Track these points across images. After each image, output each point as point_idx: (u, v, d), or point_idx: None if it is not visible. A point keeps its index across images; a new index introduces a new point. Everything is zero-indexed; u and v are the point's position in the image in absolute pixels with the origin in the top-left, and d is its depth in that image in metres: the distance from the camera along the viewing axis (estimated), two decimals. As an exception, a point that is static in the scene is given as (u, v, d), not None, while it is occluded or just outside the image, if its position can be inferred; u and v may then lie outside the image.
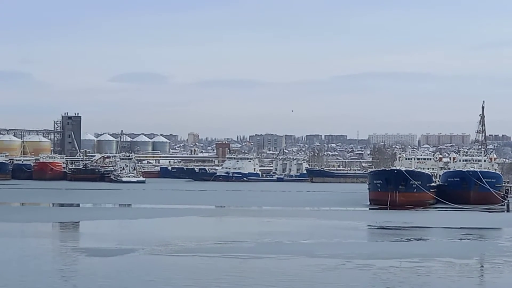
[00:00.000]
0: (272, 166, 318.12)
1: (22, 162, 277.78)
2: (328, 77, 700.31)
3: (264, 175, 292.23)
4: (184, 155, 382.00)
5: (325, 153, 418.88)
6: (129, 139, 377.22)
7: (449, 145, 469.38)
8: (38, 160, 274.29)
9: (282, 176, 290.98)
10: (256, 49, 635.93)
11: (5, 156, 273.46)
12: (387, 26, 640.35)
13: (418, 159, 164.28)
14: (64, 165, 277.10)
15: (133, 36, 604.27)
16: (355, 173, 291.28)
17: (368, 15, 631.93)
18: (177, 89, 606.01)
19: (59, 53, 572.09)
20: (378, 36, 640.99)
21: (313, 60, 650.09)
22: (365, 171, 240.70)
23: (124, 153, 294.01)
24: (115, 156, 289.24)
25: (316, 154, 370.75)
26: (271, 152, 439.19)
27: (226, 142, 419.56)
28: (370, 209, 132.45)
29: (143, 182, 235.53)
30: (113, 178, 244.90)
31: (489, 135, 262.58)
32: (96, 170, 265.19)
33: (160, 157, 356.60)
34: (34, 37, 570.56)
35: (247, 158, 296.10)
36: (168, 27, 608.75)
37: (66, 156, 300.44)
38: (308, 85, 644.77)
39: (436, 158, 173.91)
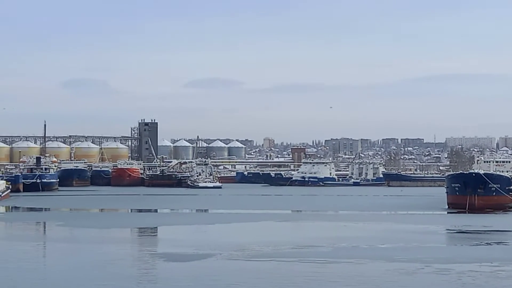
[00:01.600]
0: (348, 171, 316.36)
1: (101, 168, 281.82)
2: (398, 80, 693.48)
3: (340, 179, 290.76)
4: (260, 160, 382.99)
5: (402, 157, 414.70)
6: (205, 144, 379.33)
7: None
8: (116, 166, 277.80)
9: (358, 180, 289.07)
10: (327, 53, 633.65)
11: (84, 162, 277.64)
12: (455, 29, 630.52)
13: (496, 162, 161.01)
14: (142, 171, 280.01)
15: (206, 42, 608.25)
16: (432, 177, 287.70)
17: (436, 18, 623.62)
18: (252, 94, 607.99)
19: (134, 60, 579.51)
20: (447, 38, 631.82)
21: (383, 63, 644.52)
22: (443, 175, 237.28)
23: (200, 158, 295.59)
24: (191, 162, 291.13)
25: (392, 158, 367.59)
26: (347, 156, 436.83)
27: (302, 147, 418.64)
28: (448, 213, 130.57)
29: (219, 187, 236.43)
30: (190, 184, 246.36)
31: None
32: (173, 175, 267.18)
33: (236, 162, 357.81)
34: (110, 45, 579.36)
35: (323, 163, 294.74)
36: (240, 33, 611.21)
37: (143, 162, 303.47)
38: (380, 89, 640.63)
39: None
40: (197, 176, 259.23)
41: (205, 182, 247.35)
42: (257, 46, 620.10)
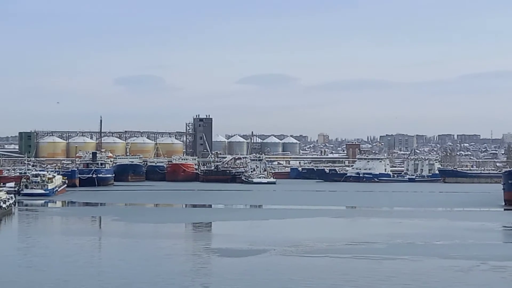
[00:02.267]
0: (403, 167, 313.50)
1: (156, 163, 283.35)
2: (455, 76, 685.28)
3: (395, 175, 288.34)
4: (314, 156, 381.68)
5: (458, 153, 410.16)
6: (259, 140, 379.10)
7: None
8: (171, 161, 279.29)
9: (413, 177, 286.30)
10: (381, 50, 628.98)
11: (139, 158, 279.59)
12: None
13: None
14: (196, 167, 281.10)
15: (261, 39, 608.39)
16: (489, 173, 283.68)
17: (495, 14, 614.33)
18: (306, 91, 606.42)
19: (189, 57, 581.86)
20: (505, 35, 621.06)
21: (440, 60, 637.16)
22: (499, 171, 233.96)
23: (254, 154, 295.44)
24: (246, 157, 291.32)
25: (448, 154, 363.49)
26: (402, 152, 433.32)
27: (356, 143, 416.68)
28: (505, 209, 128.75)
29: (273, 183, 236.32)
30: (244, 179, 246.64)
31: None
32: (227, 171, 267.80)
33: (290, 158, 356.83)
34: (166, 43, 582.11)
35: (378, 159, 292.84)
36: (294, 30, 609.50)
37: (198, 158, 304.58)
38: (437, 85, 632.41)
39: None
40: (251, 171, 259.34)
41: (259, 177, 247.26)
42: (313, 42, 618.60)
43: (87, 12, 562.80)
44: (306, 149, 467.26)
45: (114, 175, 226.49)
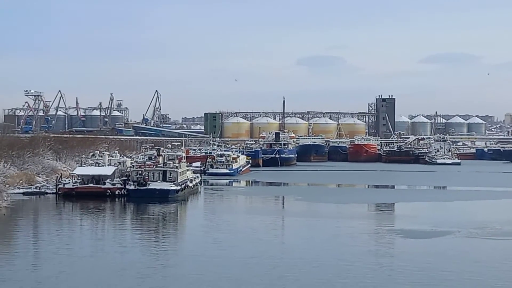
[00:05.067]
0: None
1: (338, 144, 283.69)
2: None
3: None
4: (500, 137, 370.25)
5: None
6: (443, 120, 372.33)
7: None
8: (353, 142, 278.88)
9: None
10: None
11: (322, 138, 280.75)
12: None
13: None
14: (379, 147, 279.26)
15: (441, 18, 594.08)
16: None
17: None
18: (492, 69, 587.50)
19: (369, 38, 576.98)
20: None
21: None
22: None
23: (438, 134, 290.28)
24: (429, 138, 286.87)
25: None
26: None
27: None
28: None
29: (458, 164, 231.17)
30: (428, 160, 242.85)
31: None
32: (411, 152, 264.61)
33: (475, 138, 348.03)
34: (345, 23, 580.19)
35: None
36: (477, 6, 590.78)
37: (380, 138, 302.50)
38: None
39: None
40: (435, 152, 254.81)
41: (444, 158, 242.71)
42: (496, 19, 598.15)
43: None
44: (492, 129, 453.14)
45: (296, 155, 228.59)
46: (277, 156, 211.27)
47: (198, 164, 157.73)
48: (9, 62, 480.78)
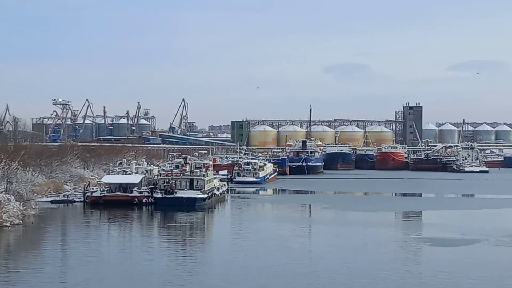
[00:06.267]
0: None
1: (365, 152, 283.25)
2: None
3: None
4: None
5: None
6: (471, 128, 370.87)
7: None
8: (380, 150, 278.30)
9: None
10: None
11: (348, 146, 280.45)
12: None
13: None
14: (406, 155, 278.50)
15: (470, 24, 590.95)
16: None
17: None
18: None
19: (396, 44, 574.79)
20: None
21: None
22: None
23: (466, 142, 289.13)
24: (457, 146, 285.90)
25: None
26: None
27: None
28: None
29: (486, 171, 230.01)
30: (455, 168, 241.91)
31: None
32: (438, 159, 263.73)
33: (503, 146, 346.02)
34: (372, 31, 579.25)
35: None
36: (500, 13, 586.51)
37: (407, 146, 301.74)
38: None
39: None
40: (463, 160, 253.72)
41: (471, 166, 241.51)
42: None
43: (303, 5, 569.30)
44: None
45: (323, 163, 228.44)
46: (304, 164, 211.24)
47: (225, 172, 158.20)
48: (37, 71, 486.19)
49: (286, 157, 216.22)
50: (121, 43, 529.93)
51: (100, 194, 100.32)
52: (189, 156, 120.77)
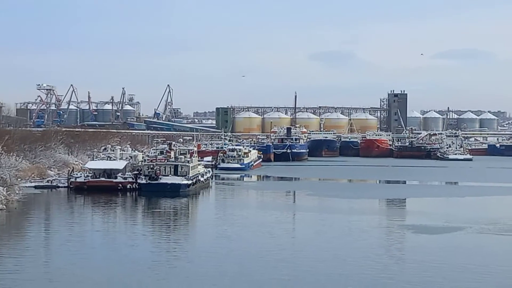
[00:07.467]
0: None
1: (350, 139, 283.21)
2: None
3: None
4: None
5: None
6: (455, 116, 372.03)
7: None
8: (365, 137, 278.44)
9: None
10: None
11: (333, 133, 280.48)
12: None
13: None
14: (390, 142, 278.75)
15: (453, 13, 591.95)
16: None
17: None
18: (504, 65, 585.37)
19: (382, 33, 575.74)
20: None
21: None
22: None
23: (450, 130, 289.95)
24: (441, 134, 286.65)
25: None
26: None
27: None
28: None
29: (470, 159, 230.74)
30: (439, 156, 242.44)
31: None
32: (422, 147, 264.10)
33: (487, 134, 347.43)
34: (357, 19, 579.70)
35: None
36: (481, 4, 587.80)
37: (392, 134, 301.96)
38: None
39: None
40: (447, 148, 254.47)
41: (455, 154, 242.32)
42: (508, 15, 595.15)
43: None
44: (505, 125, 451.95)
45: (308, 150, 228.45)
46: (289, 151, 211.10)
47: (209, 158, 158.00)
48: (21, 56, 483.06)
49: (270, 144, 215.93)
50: (107, 30, 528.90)
51: (84, 179, 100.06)
52: (173, 142, 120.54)
